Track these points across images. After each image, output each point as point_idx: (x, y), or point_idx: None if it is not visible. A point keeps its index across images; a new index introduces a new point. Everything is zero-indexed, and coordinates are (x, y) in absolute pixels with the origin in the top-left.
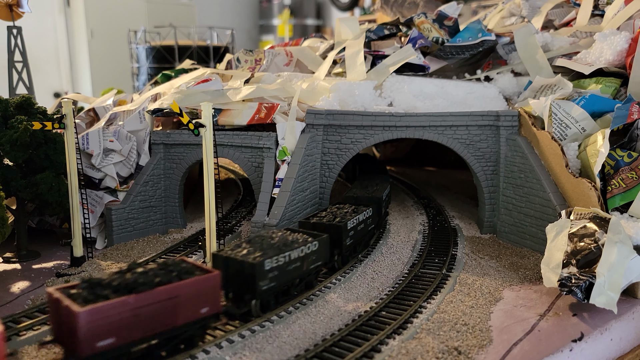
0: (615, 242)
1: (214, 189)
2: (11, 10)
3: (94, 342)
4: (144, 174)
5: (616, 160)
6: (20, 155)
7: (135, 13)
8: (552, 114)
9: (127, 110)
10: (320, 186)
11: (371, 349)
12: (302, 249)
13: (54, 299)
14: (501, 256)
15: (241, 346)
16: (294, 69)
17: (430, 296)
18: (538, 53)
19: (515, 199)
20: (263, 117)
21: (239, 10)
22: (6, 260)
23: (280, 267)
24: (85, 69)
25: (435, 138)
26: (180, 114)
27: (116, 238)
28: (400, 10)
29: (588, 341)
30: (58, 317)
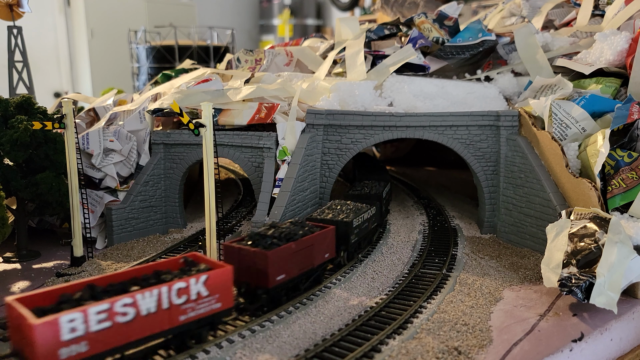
0: (616, 242)
1: (214, 189)
2: (11, 10)
3: (275, 276)
4: (144, 174)
5: (616, 161)
6: (20, 155)
7: (136, 13)
8: (552, 114)
9: (127, 110)
10: (321, 186)
11: (371, 349)
12: (369, 212)
13: (237, 248)
14: (501, 256)
15: (241, 346)
16: (294, 69)
17: (431, 296)
18: (538, 53)
19: (516, 199)
20: (263, 117)
21: (239, 10)
22: (6, 260)
23: (359, 225)
24: (86, 69)
25: (436, 138)
26: (180, 113)
27: (116, 238)
28: (400, 10)
29: (588, 341)
30: (239, 262)
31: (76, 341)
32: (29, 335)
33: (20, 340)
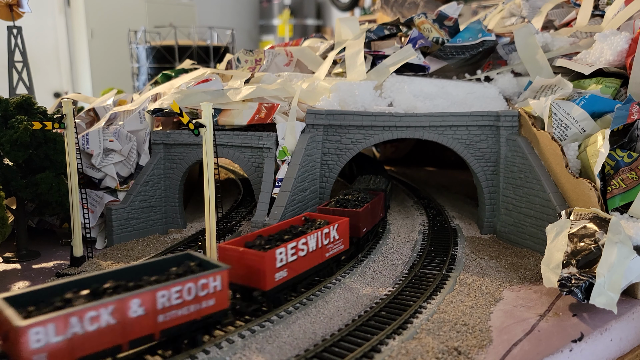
0: (615, 242)
1: (214, 189)
2: (11, 10)
3: (363, 228)
4: (144, 174)
5: (616, 161)
6: (20, 155)
7: (136, 13)
8: (552, 114)
9: (127, 110)
10: (320, 186)
11: (371, 349)
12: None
13: (328, 210)
14: (501, 256)
15: (241, 346)
16: (294, 69)
17: (430, 296)
18: (538, 53)
19: (515, 199)
20: (263, 117)
21: (239, 10)
22: (6, 260)
23: None
24: (86, 69)
25: (436, 138)
26: (180, 114)
27: (116, 238)
28: (400, 10)
29: (588, 341)
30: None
31: (282, 268)
32: (260, 262)
33: (251, 268)
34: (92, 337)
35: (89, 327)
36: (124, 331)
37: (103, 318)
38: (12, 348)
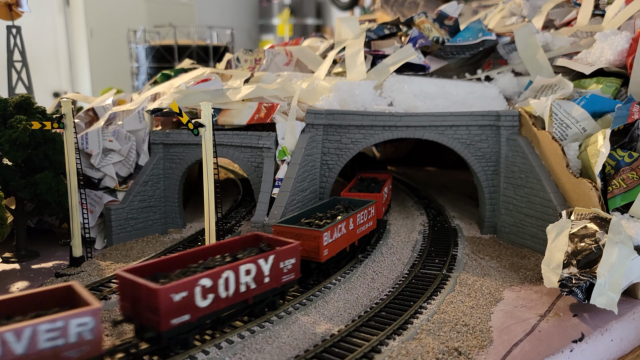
0: (616, 242)
1: (213, 189)
2: (10, 10)
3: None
4: (143, 174)
5: (617, 161)
6: (19, 155)
7: (135, 12)
8: (552, 114)
9: (127, 110)
10: (320, 186)
11: (371, 350)
12: None
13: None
14: (501, 256)
15: (241, 347)
16: (293, 69)
17: (431, 297)
18: (538, 53)
19: (516, 199)
20: (263, 117)
21: (238, 9)
22: (5, 260)
23: None
24: (85, 69)
25: (436, 138)
26: (179, 113)
27: (115, 238)
28: (400, 9)
29: (588, 342)
30: None
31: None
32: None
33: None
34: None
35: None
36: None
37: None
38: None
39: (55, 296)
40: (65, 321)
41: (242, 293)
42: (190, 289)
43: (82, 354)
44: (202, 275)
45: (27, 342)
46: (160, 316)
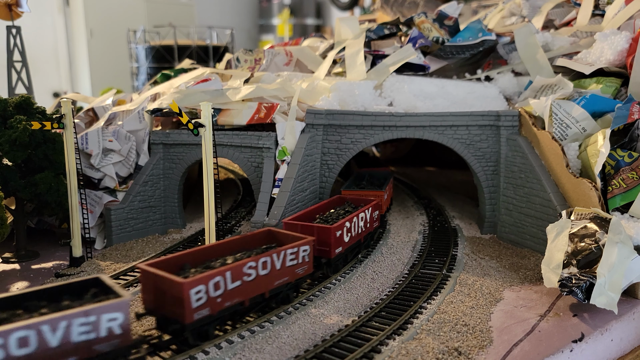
0: (616, 242)
1: (213, 189)
2: (10, 10)
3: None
4: (143, 174)
5: (617, 161)
6: (19, 155)
7: (135, 13)
8: (552, 113)
9: (127, 110)
10: (320, 186)
11: (371, 350)
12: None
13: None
14: (501, 256)
15: (240, 347)
16: (293, 69)
17: (431, 297)
18: (538, 53)
19: (516, 199)
20: (263, 117)
21: (238, 9)
22: (5, 260)
23: None
24: (85, 69)
25: (436, 138)
26: (179, 113)
27: (115, 238)
28: (400, 9)
29: (588, 342)
30: None
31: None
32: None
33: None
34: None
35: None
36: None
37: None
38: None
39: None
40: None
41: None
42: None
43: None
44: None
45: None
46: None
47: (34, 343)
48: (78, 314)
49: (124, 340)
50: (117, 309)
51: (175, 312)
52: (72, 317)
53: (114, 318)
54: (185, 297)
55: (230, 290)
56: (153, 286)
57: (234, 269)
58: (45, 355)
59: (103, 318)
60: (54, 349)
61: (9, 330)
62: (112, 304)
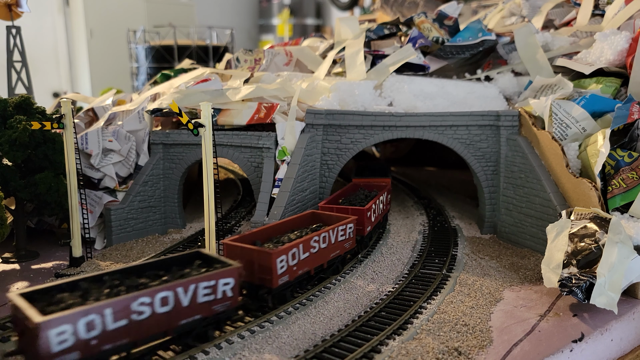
0: (616, 242)
1: (213, 189)
2: (10, 10)
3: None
4: (143, 174)
5: (617, 161)
6: (19, 155)
7: (135, 13)
8: (552, 113)
9: (126, 110)
10: (320, 186)
11: (371, 350)
12: None
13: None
14: (501, 256)
15: (240, 347)
16: (293, 69)
17: (431, 297)
18: (538, 53)
19: (516, 199)
20: (262, 117)
21: (238, 9)
22: (5, 260)
23: None
24: (85, 69)
25: (436, 138)
26: (179, 113)
27: (115, 238)
28: (400, 9)
29: (588, 342)
30: None
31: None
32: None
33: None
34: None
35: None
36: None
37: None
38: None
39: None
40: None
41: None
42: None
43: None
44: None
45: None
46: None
47: (171, 302)
48: (203, 279)
49: (232, 302)
50: (230, 274)
51: (264, 279)
52: (199, 281)
53: (227, 282)
54: (273, 265)
55: (302, 260)
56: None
57: (304, 242)
58: (178, 313)
59: (220, 282)
60: (185, 307)
61: (154, 290)
62: (227, 270)
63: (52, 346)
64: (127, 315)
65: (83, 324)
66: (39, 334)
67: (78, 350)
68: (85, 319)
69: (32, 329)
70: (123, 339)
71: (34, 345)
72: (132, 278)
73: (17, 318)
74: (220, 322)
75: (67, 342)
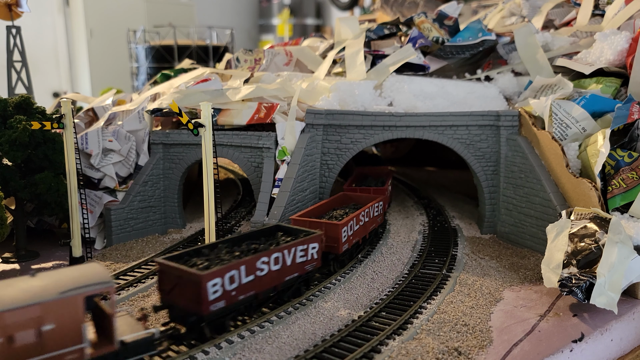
0: (616, 242)
1: (213, 189)
2: (10, 10)
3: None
4: (143, 174)
5: (617, 161)
6: (19, 155)
7: (135, 12)
8: (552, 113)
9: (126, 110)
10: (320, 186)
11: (371, 350)
12: None
13: None
14: (501, 256)
15: (240, 347)
16: (293, 69)
17: (431, 297)
18: (538, 53)
19: (516, 199)
20: (262, 117)
21: (238, 9)
22: (5, 260)
23: None
24: (85, 69)
25: (436, 138)
26: (179, 113)
27: (115, 238)
28: (400, 9)
29: (588, 342)
30: None
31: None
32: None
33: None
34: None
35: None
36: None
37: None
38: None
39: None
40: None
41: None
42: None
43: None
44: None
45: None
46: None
47: (280, 262)
48: (300, 243)
49: (317, 263)
50: (316, 240)
51: (331, 247)
52: (297, 245)
53: (314, 247)
54: (340, 234)
55: (355, 230)
56: None
57: (355, 217)
58: (285, 271)
59: (310, 246)
60: (288, 266)
61: (271, 251)
62: (315, 237)
63: (210, 295)
64: (253, 272)
65: (227, 278)
66: (202, 285)
67: (224, 299)
68: (229, 274)
69: (195, 282)
70: (250, 291)
71: (198, 295)
72: (240, 245)
73: (167, 277)
74: (309, 280)
75: (218, 293)
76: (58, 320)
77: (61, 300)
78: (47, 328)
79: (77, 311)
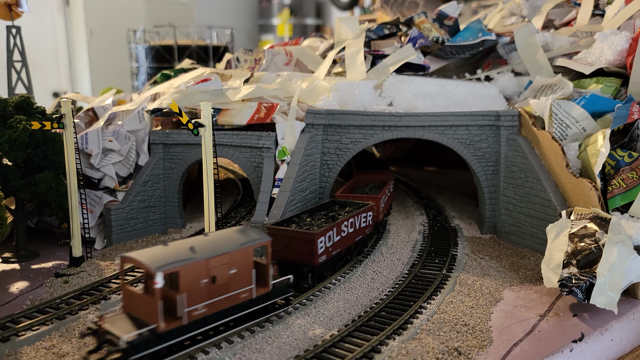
0: (616, 242)
1: (213, 189)
2: (10, 10)
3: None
4: (143, 174)
5: (617, 161)
6: (19, 155)
7: (135, 12)
8: (552, 113)
9: (126, 110)
10: (320, 186)
11: (371, 350)
12: None
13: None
14: (501, 256)
15: (240, 347)
16: (293, 69)
17: (431, 297)
18: (538, 53)
19: (516, 199)
20: (262, 117)
21: (238, 9)
22: (5, 260)
23: None
24: (85, 69)
25: (436, 138)
26: (179, 113)
27: (115, 238)
28: (400, 9)
29: (588, 342)
30: None
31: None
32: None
33: None
34: None
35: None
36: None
37: None
38: None
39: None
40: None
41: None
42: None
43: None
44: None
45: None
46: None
47: (354, 225)
48: (362, 211)
49: (371, 229)
50: (371, 210)
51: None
52: (361, 213)
53: (370, 215)
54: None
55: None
56: None
57: (384, 194)
58: (356, 233)
59: (368, 214)
60: (357, 229)
61: (349, 216)
62: (370, 207)
63: (319, 250)
64: (340, 233)
65: (327, 237)
66: (315, 242)
67: (325, 254)
68: (329, 233)
69: (309, 240)
70: (338, 248)
71: (311, 250)
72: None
73: (278, 237)
74: (366, 241)
75: (322, 248)
76: (239, 265)
77: (241, 250)
78: (233, 271)
79: (250, 259)
